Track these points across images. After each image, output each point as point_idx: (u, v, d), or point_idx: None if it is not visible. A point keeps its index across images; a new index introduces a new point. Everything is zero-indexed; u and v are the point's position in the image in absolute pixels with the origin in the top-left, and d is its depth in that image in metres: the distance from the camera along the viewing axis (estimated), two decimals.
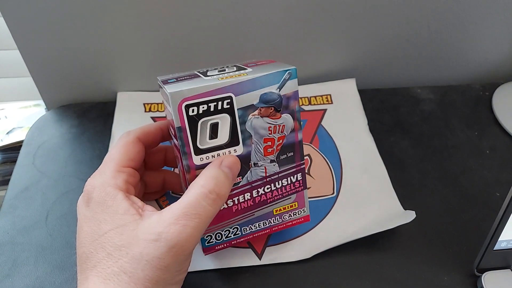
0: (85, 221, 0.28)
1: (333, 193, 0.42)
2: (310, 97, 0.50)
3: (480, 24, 0.49)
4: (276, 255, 0.37)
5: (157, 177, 0.36)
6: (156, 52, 0.46)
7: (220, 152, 0.30)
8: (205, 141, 0.30)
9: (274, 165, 0.32)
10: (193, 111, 0.28)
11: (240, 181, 0.32)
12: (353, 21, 0.47)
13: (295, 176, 0.33)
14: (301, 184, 0.34)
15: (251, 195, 0.32)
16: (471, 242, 0.38)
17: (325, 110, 0.49)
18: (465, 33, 0.50)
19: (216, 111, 0.29)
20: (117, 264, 0.26)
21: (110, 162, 0.30)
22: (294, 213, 0.35)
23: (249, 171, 0.32)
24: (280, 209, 0.34)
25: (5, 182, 0.53)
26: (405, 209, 0.40)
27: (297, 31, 0.47)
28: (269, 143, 0.31)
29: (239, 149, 0.31)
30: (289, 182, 0.33)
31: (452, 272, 0.36)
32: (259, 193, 0.33)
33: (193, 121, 0.29)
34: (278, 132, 0.31)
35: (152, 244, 0.25)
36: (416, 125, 0.49)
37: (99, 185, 0.29)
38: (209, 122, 0.29)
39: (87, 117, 0.48)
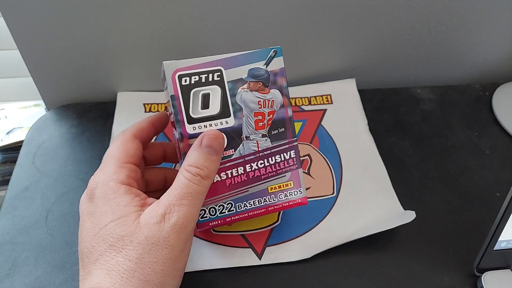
0: (87, 217, 0.29)
1: (333, 193, 0.42)
2: (310, 97, 0.50)
3: (480, 24, 0.49)
4: (276, 255, 0.37)
5: (158, 175, 0.36)
6: (156, 52, 0.46)
7: (212, 122, 0.32)
8: (197, 111, 0.32)
9: (266, 140, 0.33)
10: (185, 81, 0.31)
11: (233, 154, 0.33)
12: (353, 21, 0.47)
13: (288, 153, 0.34)
14: (295, 162, 0.34)
15: (244, 169, 0.33)
16: (471, 242, 0.38)
17: (325, 110, 0.49)
18: (465, 33, 0.50)
19: (207, 83, 0.32)
20: (121, 253, 0.26)
21: (111, 159, 0.31)
22: (290, 193, 0.35)
23: (241, 144, 0.33)
24: (275, 187, 0.34)
25: (5, 182, 0.53)
26: (405, 209, 0.40)
27: (297, 31, 0.47)
28: (260, 117, 0.33)
29: (231, 121, 0.32)
30: (282, 159, 0.34)
31: (452, 272, 0.36)
32: (253, 168, 0.33)
33: (186, 90, 0.31)
34: (268, 107, 0.33)
35: (156, 226, 0.27)
36: (416, 125, 0.49)
37: (102, 181, 0.29)
38: (201, 92, 0.32)
39: (87, 117, 0.48)
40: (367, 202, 0.41)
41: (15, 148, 0.52)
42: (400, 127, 0.49)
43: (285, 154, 0.34)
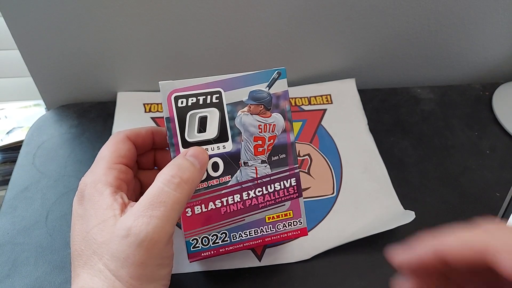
0: (77, 219, 0.28)
1: (333, 193, 0.42)
2: (310, 97, 0.50)
3: (480, 24, 0.49)
4: (276, 256, 0.37)
5: (153, 176, 0.36)
6: (156, 52, 0.46)
7: (209, 147, 0.30)
8: (193, 134, 0.30)
9: (265, 166, 0.32)
10: (182, 102, 0.30)
11: (229, 180, 0.31)
12: (353, 21, 0.47)
13: (289, 181, 0.32)
14: (295, 191, 0.32)
15: (241, 197, 0.31)
16: None
17: (325, 110, 0.49)
18: (465, 33, 0.50)
19: (205, 105, 0.30)
20: (102, 261, 0.26)
21: (101, 160, 0.30)
22: (289, 223, 0.33)
23: (238, 171, 0.31)
24: (273, 217, 0.32)
25: (5, 182, 0.53)
26: (405, 209, 0.40)
27: (297, 31, 0.47)
28: (260, 142, 0.31)
29: (228, 146, 0.31)
30: (282, 187, 0.32)
31: None
32: (250, 196, 0.32)
33: (182, 112, 0.30)
34: (269, 131, 0.31)
35: (124, 240, 0.25)
36: (416, 125, 0.49)
37: (90, 183, 0.29)
38: (198, 115, 0.30)
39: (87, 117, 0.48)
40: (367, 202, 0.41)
41: (15, 148, 0.52)
42: (400, 127, 0.49)
43: (285, 181, 0.32)
